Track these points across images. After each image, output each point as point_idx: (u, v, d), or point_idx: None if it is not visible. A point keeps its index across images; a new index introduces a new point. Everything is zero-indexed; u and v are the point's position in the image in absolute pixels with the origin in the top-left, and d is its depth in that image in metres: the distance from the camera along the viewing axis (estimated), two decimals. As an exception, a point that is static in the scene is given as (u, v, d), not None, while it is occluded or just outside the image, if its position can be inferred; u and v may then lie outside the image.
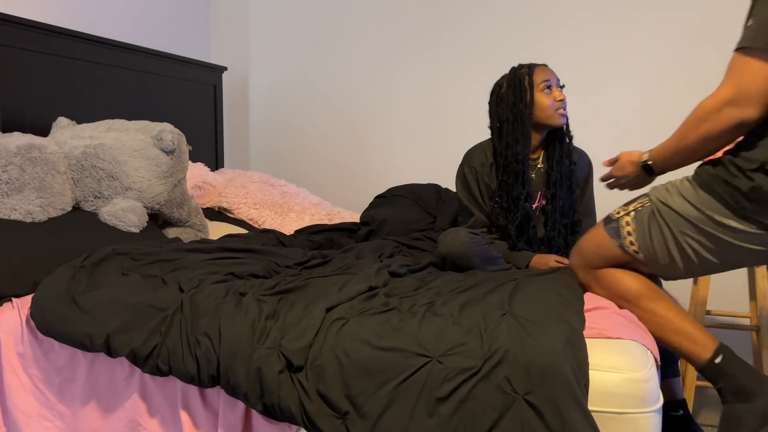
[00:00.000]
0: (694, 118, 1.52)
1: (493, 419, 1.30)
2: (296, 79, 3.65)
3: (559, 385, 1.30)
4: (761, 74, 1.44)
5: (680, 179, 1.63)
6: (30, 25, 2.30)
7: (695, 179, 1.59)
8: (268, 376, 1.41)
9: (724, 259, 1.58)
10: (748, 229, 1.50)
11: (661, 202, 1.62)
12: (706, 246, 1.57)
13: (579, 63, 3.18)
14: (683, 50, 3.04)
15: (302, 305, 1.58)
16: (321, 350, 1.42)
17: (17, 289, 1.78)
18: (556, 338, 1.37)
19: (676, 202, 1.59)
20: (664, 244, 1.61)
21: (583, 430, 1.27)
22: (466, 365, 1.34)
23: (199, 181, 2.84)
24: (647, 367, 1.39)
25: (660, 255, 1.62)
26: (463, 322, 1.45)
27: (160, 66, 3.03)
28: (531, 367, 1.32)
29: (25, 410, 1.67)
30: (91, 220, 2.13)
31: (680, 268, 1.63)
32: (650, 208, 1.63)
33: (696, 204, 1.55)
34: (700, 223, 1.55)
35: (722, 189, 1.52)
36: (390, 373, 1.36)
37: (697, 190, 1.56)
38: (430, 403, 1.33)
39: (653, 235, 1.62)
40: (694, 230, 1.57)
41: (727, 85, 1.47)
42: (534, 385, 1.31)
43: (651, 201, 1.64)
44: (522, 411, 1.30)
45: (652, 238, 1.62)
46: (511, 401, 1.31)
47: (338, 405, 1.37)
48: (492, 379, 1.32)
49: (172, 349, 1.51)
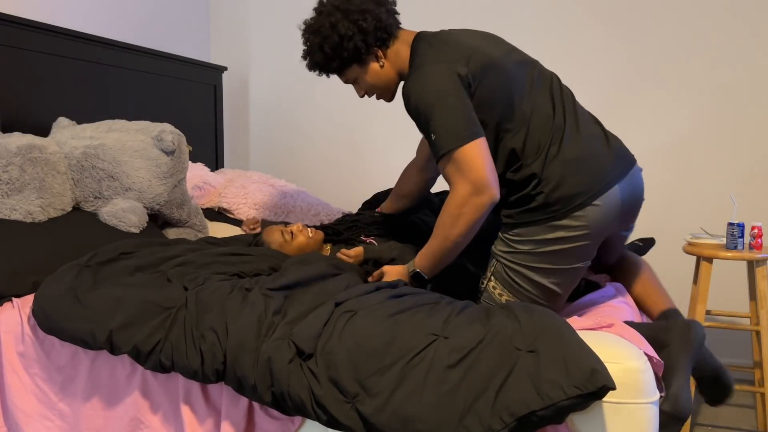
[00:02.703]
0: (449, 216, 1.67)
1: (501, 378, 1.33)
2: (296, 79, 3.65)
3: (557, 333, 1.36)
4: (475, 161, 1.63)
5: (498, 239, 1.80)
6: (30, 25, 2.30)
7: (506, 228, 1.77)
8: (278, 365, 1.42)
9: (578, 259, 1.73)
10: (572, 223, 1.68)
11: (501, 255, 1.76)
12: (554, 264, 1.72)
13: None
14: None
15: (310, 300, 1.59)
16: (330, 338, 1.44)
17: (17, 289, 1.78)
18: (548, 313, 1.45)
19: (513, 248, 1.74)
20: (528, 281, 1.73)
21: (586, 360, 1.30)
22: (470, 338, 1.40)
23: (199, 181, 2.84)
24: (643, 359, 1.40)
25: (536, 292, 1.74)
26: (464, 313, 1.50)
27: (160, 66, 3.03)
28: (529, 327, 1.39)
29: (26, 409, 1.67)
30: (91, 221, 2.13)
31: (557, 292, 1.75)
32: (498, 267, 1.77)
33: (525, 238, 1.72)
34: (539, 249, 1.70)
35: (531, 215, 1.71)
36: (399, 353, 1.40)
37: (517, 230, 1.73)
38: (440, 373, 1.36)
39: (515, 283, 1.74)
40: (539, 258, 1.71)
41: (462, 183, 1.64)
42: (534, 338, 1.36)
43: (495, 261, 1.78)
44: (527, 363, 1.33)
45: (517, 286, 1.74)
46: (516, 358, 1.35)
47: (348, 389, 1.39)
48: (495, 344, 1.37)
49: (176, 345, 1.51)
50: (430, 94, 1.66)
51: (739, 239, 2.48)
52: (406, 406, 1.34)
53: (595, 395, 1.27)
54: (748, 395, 2.99)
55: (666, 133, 3.18)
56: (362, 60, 1.84)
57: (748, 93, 3.07)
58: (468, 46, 1.75)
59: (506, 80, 1.73)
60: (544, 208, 1.69)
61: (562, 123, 1.75)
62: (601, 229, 1.72)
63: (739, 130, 3.10)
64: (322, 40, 1.81)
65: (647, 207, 3.19)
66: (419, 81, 1.69)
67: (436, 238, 1.72)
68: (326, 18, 1.80)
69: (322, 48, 1.82)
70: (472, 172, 1.62)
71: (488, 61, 1.73)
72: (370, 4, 1.81)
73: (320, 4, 1.85)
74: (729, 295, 3.14)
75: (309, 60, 1.88)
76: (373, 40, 1.81)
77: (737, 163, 3.11)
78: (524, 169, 1.71)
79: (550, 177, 1.69)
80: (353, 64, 1.84)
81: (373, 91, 1.91)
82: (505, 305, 1.53)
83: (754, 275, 2.55)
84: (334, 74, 1.90)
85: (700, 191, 3.15)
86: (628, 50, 3.18)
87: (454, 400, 1.33)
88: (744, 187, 3.10)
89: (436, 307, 1.54)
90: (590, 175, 1.70)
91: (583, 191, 1.68)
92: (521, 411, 1.29)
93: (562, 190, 1.68)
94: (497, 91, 1.71)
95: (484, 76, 1.71)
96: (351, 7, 1.80)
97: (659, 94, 3.17)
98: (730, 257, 2.45)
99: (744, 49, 3.06)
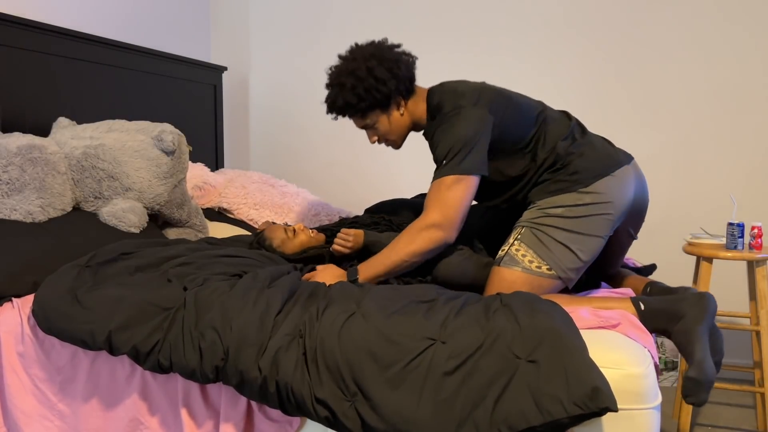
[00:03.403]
0: (409, 234, 1.82)
1: (500, 388, 1.32)
2: (296, 79, 3.65)
3: (558, 341, 1.34)
4: (460, 200, 1.81)
5: (526, 215, 1.91)
6: (30, 25, 2.30)
7: (538, 198, 1.90)
8: (285, 360, 1.42)
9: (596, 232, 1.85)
10: (598, 190, 1.84)
11: (530, 220, 1.87)
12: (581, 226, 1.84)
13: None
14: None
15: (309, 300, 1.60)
16: (329, 337, 1.45)
17: (17, 289, 1.78)
18: (549, 315, 1.43)
19: (546, 212, 1.86)
20: (555, 242, 1.83)
21: (588, 375, 1.28)
22: (469, 343, 1.38)
23: (199, 181, 2.84)
24: (645, 364, 1.39)
25: (560, 255, 1.82)
26: (463, 313, 1.49)
27: (160, 66, 3.03)
28: (530, 332, 1.37)
29: (26, 410, 1.67)
30: (91, 221, 2.13)
31: (581, 259, 1.84)
32: (526, 230, 1.86)
33: (557, 204, 1.86)
34: (570, 213, 1.84)
35: (560, 185, 1.87)
36: (395, 356, 1.39)
37: (549, 198, 1.88)
38: (437, 379, 1.35)
39: (543, 241, 1.83)
40: (569, 222, 1.83)
41: (435, 212, 1.82)
42: (535, 346, 1.34)
43: (523, 227, 1.88)
44: (527, 373, 1.32)
45: (544, 244, 1.83)
46: (515, 367, 1.33)
47: (348, 388, 1.39)
48: (494, 351, 1.36)
49: (174, 344, 1.51)
50: (468, 135, 1.83)
51: (739, 239, 2.48)
52: (403, 411, 1.34)
53: (595, 413, 1.26)
54: (748, 395, 2.99)
55: (666, 133, 3.18)
56: (388, 105, 1.98)
57: (748, 93, 3.07)
58: (482, 87, 1.94)
59: (520, 99, 1.96)
60: (572, 175, 1.88)
61: (574, 124, 1.98)
62: (619, 205, 1.87)
63: (739, 131, 3.10)
64: (356, 81, 1.93)
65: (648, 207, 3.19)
66: (453, 126, 1.86)
67: (389, 249, 1.85)
68: (362, 62, 1.93)
69: (355, 89, 1.93)
70: (450, 209, 1.81)
71: (500, 91, 1.95)
72: (402, 56, 1.98)
73: (353, 50, 1.99)
74: (729, 295, 3.14)
75: (339, 99, 1.96)
76: (403, 88, 1.97)
77: (737, 163, 3.11)
78: (547, 152, 1.91)
79: (574, 152, 1.90)
80: (377, 108, 1.97)
81: (388, 136, 2.04)
82: (507, 303, 1.52)
83: (754, 275, 2.55)
84: (354, 116, 2.01)
85: (700, 191, 3.15)
86: (628, 51, 3.18)
87: (452, 408, 1.33)
88: (744, 187, 3.10)
89: (434, 306, 1.54)
90: (605, 151, 1.93)
91: (601, 163, 1.89)
92: (520, 425, 1.28)
93: (585, 161, 1.89)
94: (519, 110, 1.92)
95: (504, 107, 1.90)
96: (386, 55, 1.95)
97: (660, 94, 3.17)
98: (730, 257, 2.45)
99: (744, 49, 3.06)
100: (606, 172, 1.87)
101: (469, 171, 1.82)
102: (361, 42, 2.03)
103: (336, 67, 1.99)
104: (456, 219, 1.82)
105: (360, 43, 2.03)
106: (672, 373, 3.07)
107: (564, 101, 3.25)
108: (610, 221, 1.86)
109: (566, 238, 1.83)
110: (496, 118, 1.88)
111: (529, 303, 1.50)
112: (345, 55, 2.00)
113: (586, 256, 1.84)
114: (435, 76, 3.46)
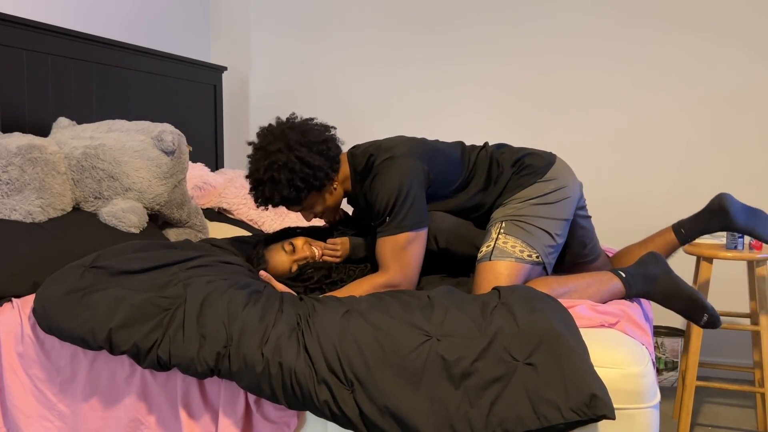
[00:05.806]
0: (372, 287, 1.78)
1: (497, 390, 1.32)
2: (296, 79, 3.65)
3: (557, 344, 1.33)
4: (415, 257, 1.83)
5: (496, 216, 1.96)
6: (30, 25, 2.30)
7: (507, 197, 1.96)
8: (286, 345, 1.43)
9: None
10: (555, 177, 1.96)
11: (508, 215, 1.91)
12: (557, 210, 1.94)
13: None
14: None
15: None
16: (325, 332, 1.46)
17: (17, 290, 1.78)
18: (549, 314, 1.42)
19: (520, 205, 1.92)
20: (539, 230, 1.89)
21: (586, 381, 1.28)
22: (466, 341, 1.38)
23: (199, 181, 2.84)
24: (644, 363, 1.39)
25: (544, 240, 1.88)
26: (462, 310, 1.49)
27: (160, 66, 3.03)
28: (527, 334, 1.36)
29: (25, 410, 1.67)
30: (91, 221, 2.13)
31: (557, 243, 1.92)
32: (507, 224, 1.90)
33: (528, 196, 1.93)
34: (541, 201, 1.92)
35: (521, 181, 1.96)
36: (392, 349, 1.40)
37: (516, 194, 1.94)
38: (434, 377, 1.35)
39: (528, 230, 1.88)
40: (542, 209, 1.91)
41: (396, 272, 1.80)
42: (533, 348, 1.34)
43: (501, 221, 1.91)
44: (524, 376, 1.32)
45: (529, 233, 1.87)
46: (513, 369, 1.33)
47: (347, 377, 1.40)
48: (491, 353, 1.36)
49: (173, 336, 1.52)
50: (403, 186, 1.82)
51: (739, 239, 2.48)
52: (399, 407, 1.34)
53: (592, 420, 1.27)
54: (748, 395, 2.99)
55: (666, 133, 3.18)
56: (323, 187, 1.93)
57: (748, 93, 3.07)
58: (409, 139, 1.96)
59: (439, 145, 2.02)
60: (527, 170, 1.98)
61: (491, 145, 2.08)
62: (574, 187, 2.00)
63: (740, 131, 3.10)
64: (291, 174, 1.84)
65: (648, 207, 3.19)
66: (390, 175, 1.84)
67: (348, 291, 1.80)
68: (290, 153, 1.84)
69: (291, 182, 1.85)
70: (408, 268, 1.82)
71: (425, 142, 1.99)
72: (325, 132, 1.94)
73: (274, 138, 1.87)
74: (729, 295, 3.13)
75: (276, 196, 1.87)
76: (336, 165, 1.94)
77: (737, 164, 3.11)
78: (492, 168, 2.02)
79: (517, 154, 2.02)
80: (313, 191, 1.92)
81: (326, 212, 2.02)
82: (505, 300, 1.52)
83: (754, 275, 2.55)
84: (291, 207, 1.95)
85: (700, 191, 3.15)
86: (628, 52, 3.18)
87: (448, 406, 1.33)
88: (744, 187, 3.10)
89: (432, 303, 1.54)
90: (532, 148, 2.08)
91: (541, 155, 2.03)
92: (516, 429, 1.28)
93: (531, 158, 2.01)
94: (445, 156, 1.98)
95: (433, 156, 1.94)
96: (312, 138, 1.89)
97: (660, 95, 3.17)
98: (730, 257, 2.45)
99: (744, 49, 3.06)
100: (552, 160, 2.02)
101: (419, 225, 1.83)
102: (273, 123, 1.93)
103: (258, 159, 1.87)
104: (415, 277, 1.85)
105: (272, 124, 1.93)
106: (672, 373, 3.07)
107: (564, 101, 3.25)
108: (572, 203, 1.99)
109: (547, 224, 1.91)
110: (427, 165, 1.90)
111: (529, 301, 1.49)
112: (265, 145, 1.87)
113: (561, 239, 1.96)
114: (436, 75, 3.48)
